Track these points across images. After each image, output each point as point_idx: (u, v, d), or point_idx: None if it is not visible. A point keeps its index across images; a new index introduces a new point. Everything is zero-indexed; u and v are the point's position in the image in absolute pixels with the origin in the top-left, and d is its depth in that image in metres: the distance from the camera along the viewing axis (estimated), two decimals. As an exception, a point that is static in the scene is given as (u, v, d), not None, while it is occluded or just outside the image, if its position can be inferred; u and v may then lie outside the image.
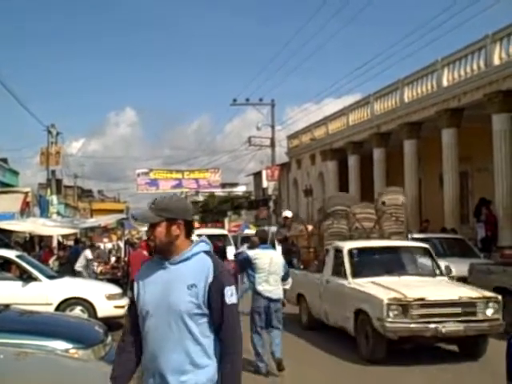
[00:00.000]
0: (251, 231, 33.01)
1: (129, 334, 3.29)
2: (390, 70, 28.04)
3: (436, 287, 9.52)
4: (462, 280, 13.33)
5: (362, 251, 10.69)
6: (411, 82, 22.77)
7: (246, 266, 8.81)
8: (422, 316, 8.48)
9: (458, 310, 8.63)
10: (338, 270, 10.33)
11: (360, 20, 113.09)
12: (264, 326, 8.46)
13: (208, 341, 3.11)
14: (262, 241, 9.07)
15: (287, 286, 8.96)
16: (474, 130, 20.27)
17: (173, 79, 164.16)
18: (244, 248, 12.98)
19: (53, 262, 16.91)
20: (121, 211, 52.63)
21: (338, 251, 10.53)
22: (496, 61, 17.85)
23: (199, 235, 12.40)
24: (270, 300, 8.40)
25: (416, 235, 17.32)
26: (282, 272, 8.61)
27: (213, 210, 60.50)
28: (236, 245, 24.41)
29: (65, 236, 25.46)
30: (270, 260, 8.55)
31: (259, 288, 8.42)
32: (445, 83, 20.38)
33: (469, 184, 23.26)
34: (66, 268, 16.84)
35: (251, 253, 8.83)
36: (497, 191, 18.09)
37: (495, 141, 18.05)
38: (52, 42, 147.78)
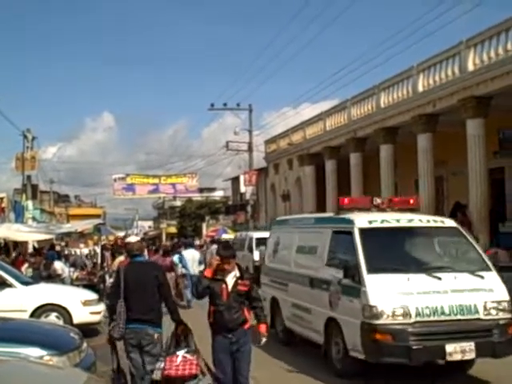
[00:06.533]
0: (229, 236, 33.06)
1: None
2: (368, 75, 28.33)
3: None
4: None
5: None
6: (387, 87, 22.98)
7: (181, 259, 17.34)
8: None
9: None
10: None
11: (337, 26, 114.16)
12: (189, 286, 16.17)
13: None
14: (186, 245, 19.54)
15: (201, 268, 16.36)
16: (449, 135, 20.51)
17: (150, 84, 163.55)
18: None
19: (25, 269, 16.67)
20: (98, 216, 52.28)
21: None
22: (470, 67, 18.09)
23: (372, 230, 8.50)
24: (193, 275, 16.46)
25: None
26: (198, 261, 17.49)
27: (190, 214, 60.36)
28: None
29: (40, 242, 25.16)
30: (192, 255, 17.67)
31: (190, 269, 17.09)
32: (420, 89, 20.60)
33: (444, 188, 23.52)
34: (38, 273, 16.61)
35: (183, 252, 18.04)
36: (471, 195, 18.31)
37: (469, 145, 18.28)
38: (28, 46, 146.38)
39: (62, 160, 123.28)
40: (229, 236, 32.96)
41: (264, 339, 6.43)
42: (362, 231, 8.48)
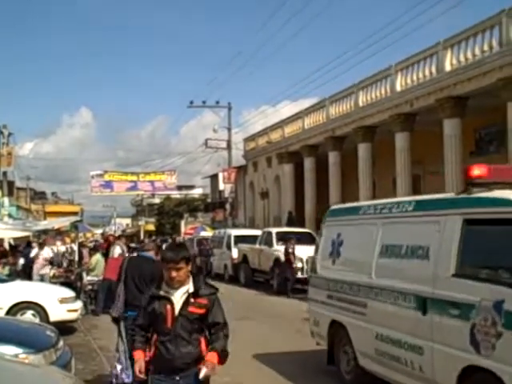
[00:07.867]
0: (207, 233, 33.02)
1: None
2: (347, 74, 28.54)
3: None
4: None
5: None
6: (366, 86, 23.13)
7: None
8: None
9: None
10: None
11: (317, 24, 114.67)
12: None
13: None
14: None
15: None
16: (426, 134, 20.71)
17: (129, 81, 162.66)
18: None
19: (1, 268, 16.48)
20: (75, 213, 51.76)
21: None
22: (447, 67, 18.29)
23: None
24: None
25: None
26: None
27: (169, 212, 60.13)
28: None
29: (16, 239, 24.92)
30: None
31: None
32: (398, 88, 20.77)
33: (421, 186, 23.72)
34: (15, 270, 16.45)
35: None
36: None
37: (446, 145, 18.49)
38: (3, 41, 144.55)
39: (39, 156, 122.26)
40: (207, 233, 32.90)
41: (204, 370, 4.05)
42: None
